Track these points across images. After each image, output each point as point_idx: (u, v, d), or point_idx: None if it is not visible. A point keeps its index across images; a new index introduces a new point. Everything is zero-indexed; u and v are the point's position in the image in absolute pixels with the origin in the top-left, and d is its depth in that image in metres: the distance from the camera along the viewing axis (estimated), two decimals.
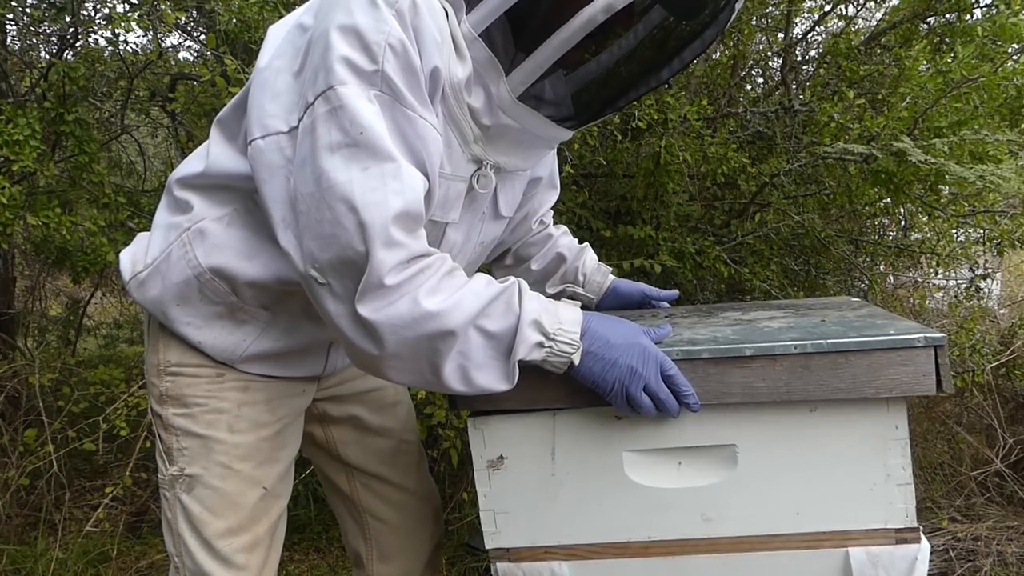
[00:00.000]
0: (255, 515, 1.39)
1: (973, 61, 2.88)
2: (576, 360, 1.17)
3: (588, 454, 1.27)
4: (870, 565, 1.22)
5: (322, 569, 2.89)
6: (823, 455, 1.22)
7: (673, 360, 1.20)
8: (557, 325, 1.16)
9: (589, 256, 1.83)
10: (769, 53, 3.99)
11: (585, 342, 1.17)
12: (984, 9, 3.28)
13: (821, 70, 3.66)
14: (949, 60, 3.07)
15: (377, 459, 1.65)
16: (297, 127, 1.14)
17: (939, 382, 1.15)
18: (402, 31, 1.10)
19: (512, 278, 1.20)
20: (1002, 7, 3.07)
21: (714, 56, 3.70)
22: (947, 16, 3.36)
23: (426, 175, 1.15)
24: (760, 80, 4.06)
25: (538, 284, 1.82)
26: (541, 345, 1.16)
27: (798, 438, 1.22)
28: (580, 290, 1.80)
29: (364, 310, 1.08)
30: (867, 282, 3.71)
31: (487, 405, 1.26)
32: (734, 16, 1.20)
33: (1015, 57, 3.11)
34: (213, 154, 1.30)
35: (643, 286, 1.80)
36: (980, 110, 2.85)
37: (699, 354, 1.19)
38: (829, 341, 1.16)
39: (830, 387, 1.17)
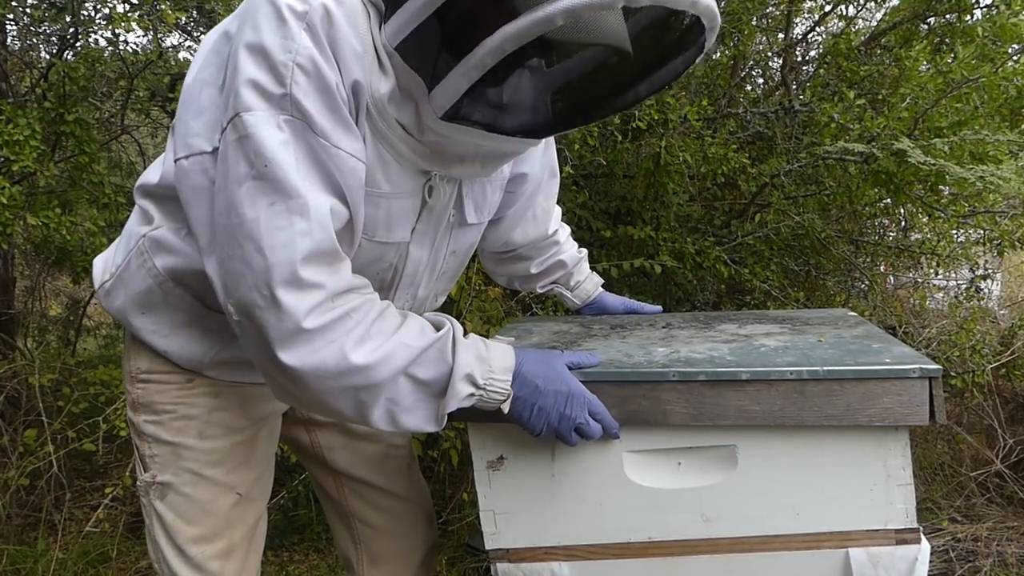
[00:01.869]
0: (229, 521, 1.37)
1: (973, 61, 2.88)
2: (506, 409, 1.17)
3: (588, 454, 1.27)
4: (870, 566, 1.22)
5: (322, 569, 2.89)
6: (823, 456, 1.22)
7: (669, 381, 1.21)
8: (489, 375, 1.15)
9: (585, 264, 1.83)
10: (769, 53, 3.99)
11: (515, 388, 1.17)
12: (984, 9, 3.28)
13: (821, 70, 3.66)
14: (949, 60, 3.07)
15: (365, 464, 1.61)
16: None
17: (932, 413, 1.16)
18: (314, 47, 1.01)
19: (448, 322, 1.17)
20: (1002, 7, 3.07)
21: (714, 56, 3.70)
22: (947, 16, 3.36)
23: (346, 203, 1.08)
24: (760, 80, 4.06)
25: (532, 281, 1.81)
26: (472, 395, 1.15)
27: (798, 439, 1.22)
28: (568, 294, 1.81)
29: (286, 357, 1.03)
30: (867, 282, 3.71)
31: (481, 417, 1.27)
32: (701, 56, 1.10)
33: (1015, 57, 3.11)
34: (167, 164, 1.23)
35: (629, 301, 1.79)
36: (980, 110, 2.85)
37: (695, 376, 1.20)
38: (825, 368, 1.17)
39: (824, 414, 1.18)
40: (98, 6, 3.14)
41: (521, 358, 1.19)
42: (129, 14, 2.84)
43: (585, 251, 1.85)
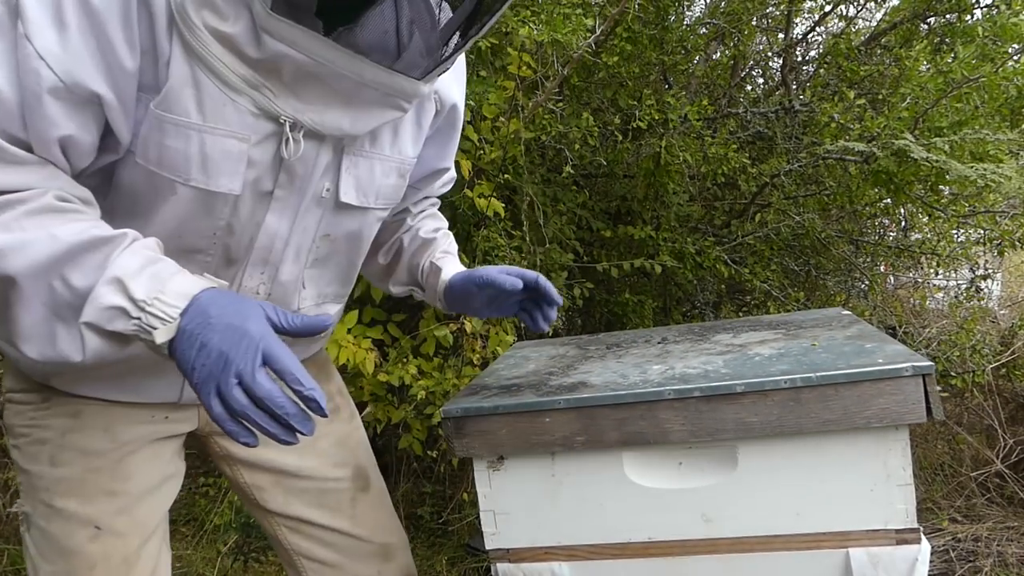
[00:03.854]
0: (88, 560, 1.17)
1: (973, 61, 2.88)
2: (160, 339, 0.89)
3: (588, 454, 1.27)
4: (870, 566, 1.22)
5: None
6: (823, 456, 1.22)
7: (665, 399, 1.20)
8: (157, 293, 0.89)
9: (436, 248, 1.43)
10: (769, 53, 3.99)
11: (185, 319, 0.90)
12: (984, 9, 3.28)
13: (821, 70, 3.66)
14: (949, 60, 3.07)
15: (300, 503, 1.39)
16: None
17: (929, 409, 1.16)
18: None
19: (135, 234, 0.95)
20: (1002, 7, 3.07)
21: (714, 56, 3.70)
22: (947, 16, 3.36)
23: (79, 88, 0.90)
24: (760, 80, 4.06)
25: (384, 282, 1.51)
26: (120, 311, 0.89)
27: (798, 440, 1.22)
28: (421, 294, 1.45)
29: None
30: (867, 282, 3.71)
31: (487, 452, 1.28)
32: None
33: (1016, 57, 3.11)
34: None
35: (489, 272, 1.28)
36: (981, 110, 2.85)
37: (691, 392, 1.21)
38: (818, 374, 1.18)
39: (821, 419, 1.18)
40: None
41: (212, 291, 0.93)
42: None
43: (441, 232, 1.49)
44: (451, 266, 1.38)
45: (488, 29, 1.03)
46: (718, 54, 3.71)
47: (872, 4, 3.77)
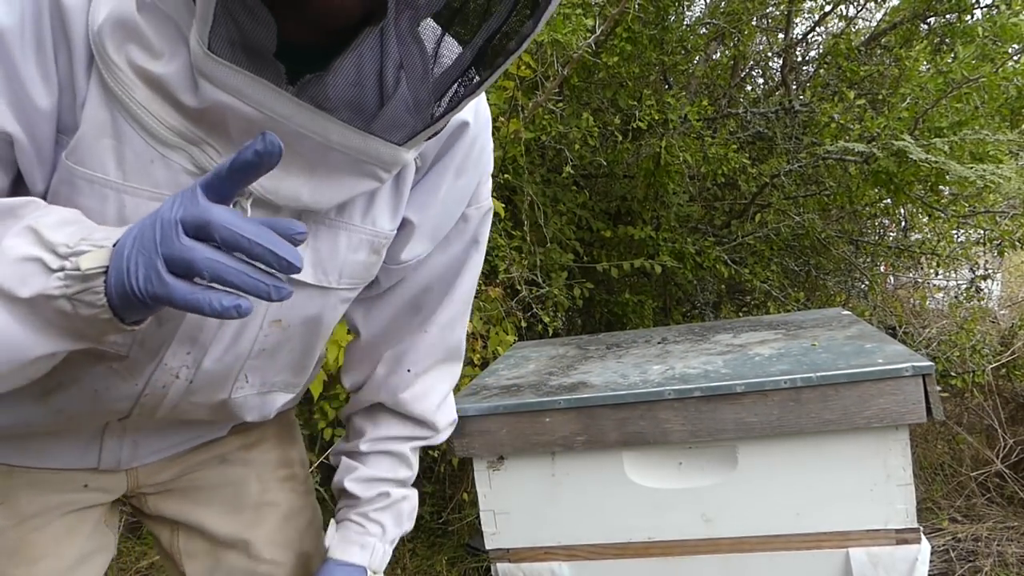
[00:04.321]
0: None
1: (973, 61, 2.88)
2: (88, 263, 0.67)
3: (588, 454, 1.27)
4: (870, 565, 1.22)
5: None
6: (823, 456, 1.22)
7: (665, 399, 1.20)
8: (82, 237, 0.69)
9: (356, 509, 1.14)
10: (769, 54, 3.99)
11: (114, 257, 0.68)
12: (984, 9, 3.28)
13: (821, 70, 3.66)
14: (949, 60, 3.07)
15: None
16: None
17: (929, 409, 1.16)
18: None
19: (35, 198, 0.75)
20: (1002, 7, 3.07)
21: (714, 56, 3.70)
22: (947, 16, 3.36)
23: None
24: (760, 81, 4.07)
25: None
26: (44, 267, 0.67)
27: (798, 440, 1.22)
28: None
29: None
30: (867, 282, 3.72)
31: (487, 452, 1.28)
32: None
33: (1016, 57, 3.11)
34: None
35: None
36: (981, 110, 2.85)
37: (691, 392, 1.21)
38: (818, 374, 1.18)
39: (821, 419, 1.18)
40: None
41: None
42: None
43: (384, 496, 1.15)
44: (339, 547, 1.11)
45: (495, 79, 0.80)
46: (718, 54, 3.72)
47: (872, 4, 3.77)
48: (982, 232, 3.51)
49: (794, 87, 3.69)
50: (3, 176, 0.78)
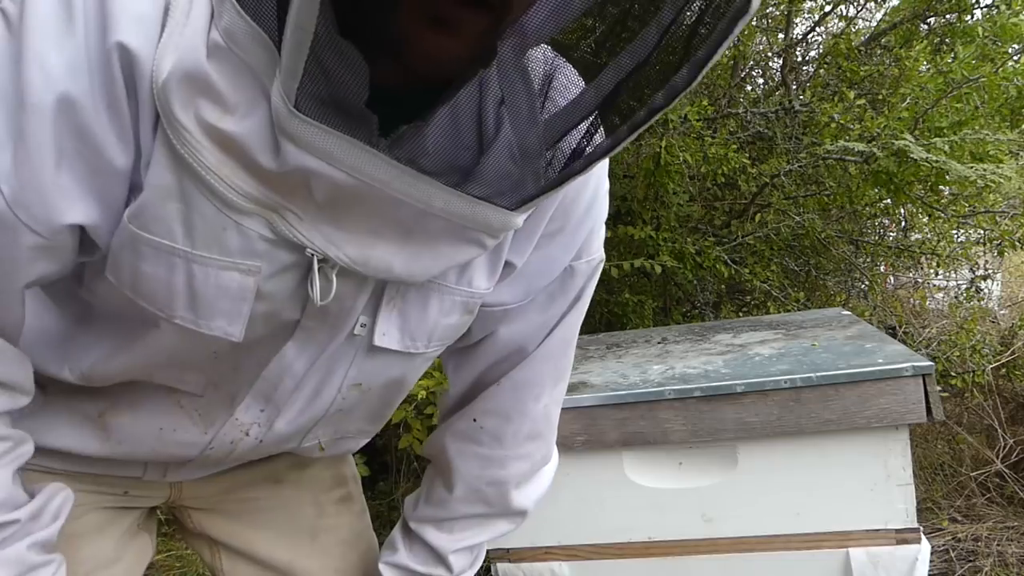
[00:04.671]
0: None
1: (973, 61, 2.88)
2: None
3: (588, 454, 1.27)
4: (870, 565, 1.22)
5: None
6: (823, 456, 1.22)
7: (666, 399, 1.21)
8: None
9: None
10: (769, 54, 3.99)
11: None
12: (984, 9, 3.28)
13: (821, 70, 3.66)
14: (949, 60, 3.07)
15: None
16: None
17: (929, 409, 1.17)
18: None
19: (58, 559, 0.78)
20: (1002, 7, 3.07)
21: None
22: (947, 16, 3.36)
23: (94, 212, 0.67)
24: (760, 80, 4.07)
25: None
26: None
27: (798, 440, 1.22)
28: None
29: None
30: (867, 282, 3.72)
31: None
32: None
33: (1015, 57, 3.11)
34: None
35: None
36: (981, 110, 2.85)
37: (691, 392, 1.21)
38: (818, 374, 1.18)
39: (821, 419, 1.19)
40: None
41: None
42: None
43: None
44: None
45: (649, 124, 0.63)
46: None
47: (872, 4, 3.77)
48: (982, 232, 3.51)
49: (794, 87, 3.69)
50: (68, 259, 0.70)
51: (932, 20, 3.46)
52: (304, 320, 0.77)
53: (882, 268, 3.95)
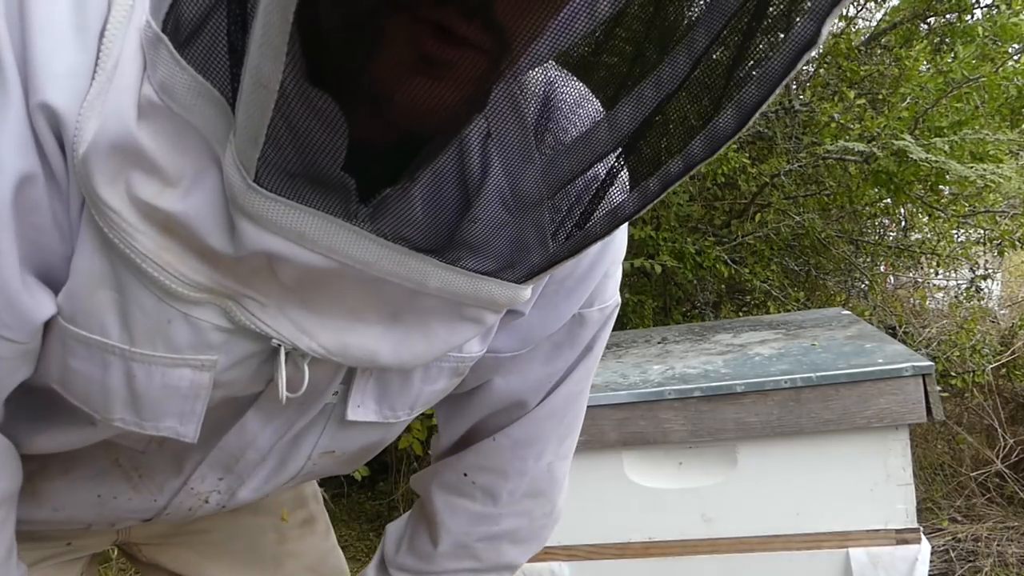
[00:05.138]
0: None
1: (973, 61, 2.88)
2: None
3: (588, 454, 1.27)
4: (870, 565, 1.22)
5: None
6: (823, 456, 1.22)
7: (666, 399, 1.21)
8: None
9: None
10: None
11: None
12: (984, 9, 3.28)
13: (821, 70, 3.66)
14: (949, 60, 3.07)
15: None
16: None
17: (929, 409, 1.17)
18: None
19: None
20: (1002, 7, 3.07)
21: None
22: (947, 16, 3.36)
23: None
24: None
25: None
26: None
27: (798, 440, 1.22)
28: None
29: None
30: (867, 282, 3.72)
31: None
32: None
33: (1016, 57, 3.11)
34: None
35: None
36: (981, 110, 2.85)
37: (691, 392, 1.21)
38: (818, 374, 1.18)
39: (821, 419, 1.19)
40: None
41: None
42: None
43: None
44: None
45: (678, 183, 0.51)
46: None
47: (872, 4, 3.77)
48: (982, 232, 3.51)
49: (794, 87, 3.69)
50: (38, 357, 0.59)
51: (932, 20, 3.46)
52: (269, 392, 0.65)
53: (882, 268, 3.95)
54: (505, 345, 0.74)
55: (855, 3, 3.77)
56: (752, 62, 0.46)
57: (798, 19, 0.42)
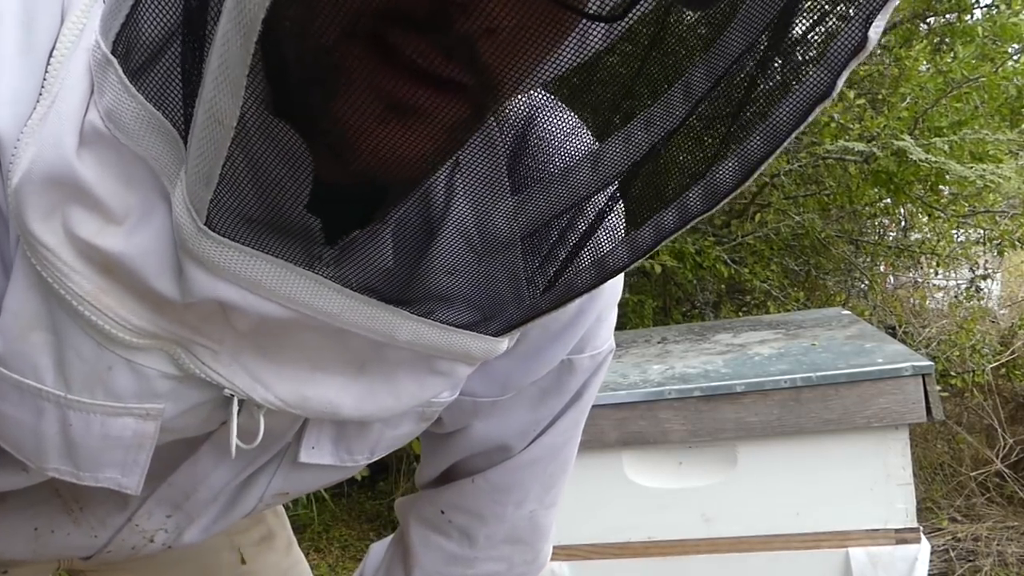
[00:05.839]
0: None
1: (973, 61, 2.89)
2: None
3: (588, 454, 1.27)
4: (870, 565, 1.22)
5: (322, 569, 2.89)
6: (823, 456, 1.22)
7: (666, 399, 1.21)
8: None
9: None
10: None
11: None
12: (984, 9, 3.28)
13: None
14: (949, 60, 3.07)
15: None
16: None
17: (928, 409, 1.17)
18: None
19: None
20: (1002, 7, 3.08)
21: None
22: (947, 16, 3.36)
23: None
24: None
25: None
26: None
27: (797, 439, 1.22)
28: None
29: None
30: (867, 282, 3.72)
31: None
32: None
33: (1015, 57, 3.12)
34: None
35: None
36: (980, 110, 2.85)
37: (691, 392, 1.21)
38: (818, 374, 1.18)
39: (821, 419, 1.19)
40: None
41: None
42: None
43: None
44: None
45: (675, 235, 0.49)
46: None
47: None
48: (982, 232, 3.51)
49: None
50: None
51: (932, 20, 3.46)
52: (223, 431, 0.59)
53: (882, 268, 3.95)
54: (483, 390, 0.69)
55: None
56: (756, 113, 0.43)
57: (811, 69, 0.39)
